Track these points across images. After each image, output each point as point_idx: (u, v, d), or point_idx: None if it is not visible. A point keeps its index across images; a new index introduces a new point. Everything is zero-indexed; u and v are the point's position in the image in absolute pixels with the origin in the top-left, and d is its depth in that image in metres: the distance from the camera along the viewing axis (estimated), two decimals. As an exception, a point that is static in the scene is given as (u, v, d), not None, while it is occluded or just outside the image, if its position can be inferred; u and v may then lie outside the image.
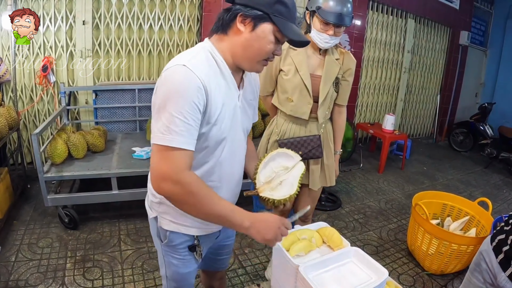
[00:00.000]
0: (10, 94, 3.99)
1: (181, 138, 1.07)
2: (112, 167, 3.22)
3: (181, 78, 1.08)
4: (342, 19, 1.98)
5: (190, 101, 1.07)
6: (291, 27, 1.16)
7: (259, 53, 1.19)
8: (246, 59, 1.21)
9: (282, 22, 1.14)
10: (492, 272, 1.39)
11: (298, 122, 2.23)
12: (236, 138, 1.33)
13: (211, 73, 1.15)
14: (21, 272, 2.59)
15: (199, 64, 1.13)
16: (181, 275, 1.51)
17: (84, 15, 4.10)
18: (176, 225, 1.36)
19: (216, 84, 1.17)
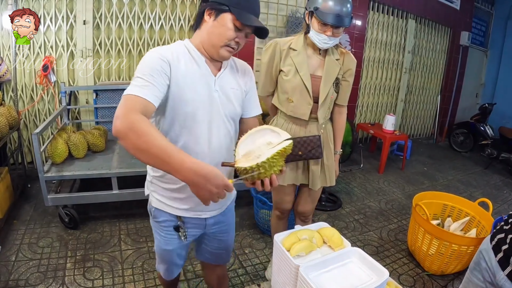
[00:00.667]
0: (11, 93, 3.99)
1: (137, 88, 1.23)
2: (112, 167, 3.22)
3: (148, 55, 1.34)
4: (341, 20, 1.97)
5: (151, 67, 1.28)
6: (247, 16, 1.34)
7: (220, 39, 1.36)
8: (210, 45, 1.40)
9: (239, 11, 1.32)
10: (491, 271, 1.38)
11: (298, 122, 2.22)
12: (213, 121, 1.45)
13: (179, 56, 1.38)
14: (21, 271, 2.59)
15: (165, 49, 1.38)
16: (163, 251, 1.70)
17: (85, 15, 4.10)
18: (160, 203, 1.56)
19: (185, 65, 1.38)
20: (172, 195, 1.53)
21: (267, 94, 2.33)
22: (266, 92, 2.32)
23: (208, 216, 1.62)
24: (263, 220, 3.31)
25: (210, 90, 1.43)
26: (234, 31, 1.35)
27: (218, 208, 1.64)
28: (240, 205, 3.82)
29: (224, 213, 1.71)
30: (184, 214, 1.56)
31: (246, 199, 3.87)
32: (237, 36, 1.37)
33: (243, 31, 1.38)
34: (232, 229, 1.84)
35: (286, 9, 5.18)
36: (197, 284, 2.63)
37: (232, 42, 1.38)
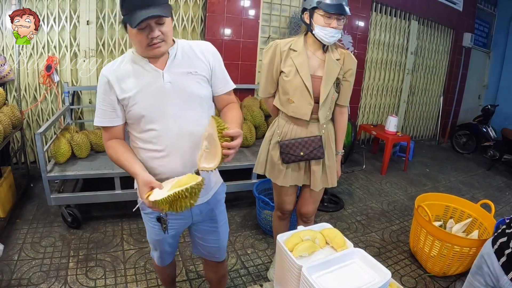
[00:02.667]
0: (14, 93, 4.01)
1: (98, 119, 1.52)
2: (115, 167, 3.22)
3: (99, 79, 1.51)
4: (342, 8, 2.00)
5: (100, 93, 1.50)
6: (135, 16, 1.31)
7: (139, 45, 1.42)
8: (139, 51, 1.47)
9: (128, 17, 1.33)
10: (494, 275, 1.38)
11: (299, 123, 2.23)
12: (169, 113, 1.49)
13: (122, 67, 1.48)
14: (23, 271, 2.60)
15: (109, 65, 1.51)
16: (154, 240, 1.82)
17: (88, 15, 4.11)
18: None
19: (129, 74, 1.47)
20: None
21: (268, 95, 2.33)
22: (267, 93, 2.32)
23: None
24: (265, 221, 3.31)
25: (160, 85, 1.48)
26: (140, 34, 1.38)
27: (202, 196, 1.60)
28: (243, 206, 3.83)
29: (211, 202, 1.74)
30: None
31: (249, 200, 3.87)
32: (147, 34, 1.37)
33: (148, 28, 1.36)
34: (222, 222, 1.85)
35: (289, 10, 5.18)
36: (199, 284, 2.64)
37: (149, 41, 1.39)
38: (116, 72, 1.47)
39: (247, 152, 3.91)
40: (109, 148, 1.54)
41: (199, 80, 1.55)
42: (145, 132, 1.51)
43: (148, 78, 1.47)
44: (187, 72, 1.52)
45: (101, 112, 1.51)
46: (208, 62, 1.60)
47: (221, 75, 1.66)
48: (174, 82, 1.49)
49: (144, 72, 1.47)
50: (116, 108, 1.50)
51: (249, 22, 4.89)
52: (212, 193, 1.75)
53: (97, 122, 1.52)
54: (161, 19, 1.36)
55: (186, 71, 1.52)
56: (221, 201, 1.84)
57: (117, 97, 1.47)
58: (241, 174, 3.58)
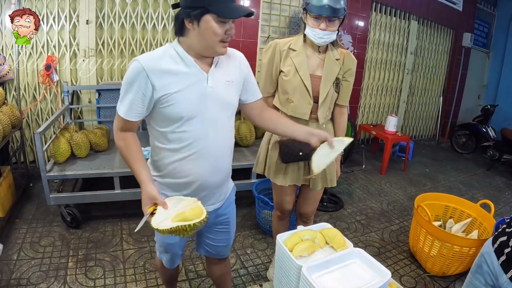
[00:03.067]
0: (13, 92, 4.00)
1: (123, 109, 1.43)
2: (114, 167, 3.22)
3: (130, 69, 1.39)
4: (332, 10, 1.96)
5: (130, 82, 1.38)
6: (227, 7, 1.32)
7: (213, 39, 1.37)
8: (204, 49, 1.41)
9: (217, 7, 1.31)
10: (493, 274, 1.38)
11: (299, 122, 2.21)
12: (207, 117, 1.48)
13: (165, 62, 1.40)
14: (23, 270, 2.60)
15: (149, 56, 1.41)
16: (165, 244, 1.78)
17: (88, 15, 4.10)
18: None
19: (172, 70, 1.40)
20: (175, 191, 1.57)
21: (267, 95, 2.33)
22: (266, 93, 2.31)
23: (210, 209, 1.64)
24: (264, 221, 3.31)
25: (202, 88, 1.45)
26: (221, 28, 1.35)
27: (220, 200, 1.70)
28: (242, 206, 3.82)
29: (225, 205, 1.76)
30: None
31: (248, 199, 3.87)
32: (226, 29, 1.37)
33: (229, 23, 1.37)
34: (233, 222, 1.87)
35: (289, 9, 5.18)
36: (199, 284, 2.63)
37: (224, 37, 1.38)
38: (156, 65, 1.39)
39: (246, 151, 3.91)
40: (121, 140, 1.48)
41: (234, 89, 1.58)
42: (178, 133, 1.46)
43: (192, 78, 1.43)
44: (226, 80, 1.53)
45: (129, 103, 1.41)
46: (241, 71, 1.62)
47: (254, 83, 1.71)
48: (215, 87, 1.48)
49: (188, 72, 1.43)
50: (145, 103, 1.41)
51: (248, 22, 4.88)
52: (229, 193, 1.78)
53: (123, 114, 1.44)
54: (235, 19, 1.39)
55: (225, 78, 1.53)
56: (233, 202, 1.86)
57: (154, 92, 1.39)
58: (241, 173, 3.58)
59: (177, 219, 1.32)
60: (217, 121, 1.51)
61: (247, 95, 1.69)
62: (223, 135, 1.56)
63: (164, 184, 1.59)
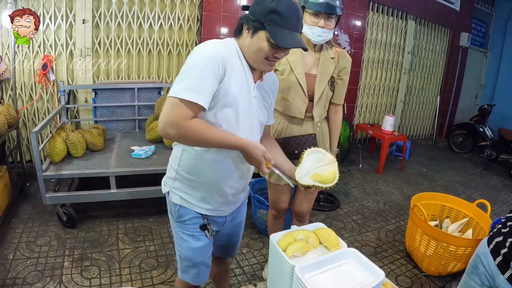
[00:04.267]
0: (10, 92, 3.99)
1: (193, 93, 1.24)
2: (110, 166, 3.22)
3: (208, 49, 1.31)
4: (331, 7, 1.98)
5: (210, 68, 1.28)
6: (283, 35, 1.30)
7: (258, 55, 1.36)
8: (250, 59, 1.41)
9: (274, 30, 1.29)
10: (490, 275, 1.38)
11: (294, 121, 2.23)
12: (251, 124, 1.49)
13: (232, 57, 1.38)
14: (19, 270, 2.59)
15: (223, 45, 1.37)
16: (193, 251, 1.61)
17: (84, 14, 4.10)
18: (184, 201, 1.54)
19: (236, 67, 1.39)
20: (199, 195, 1.54)
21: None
22: None
23: (228, 213, 1.67)
24: (260, 220, 3.31)
25: (250, 96, 1.46)
26: (270, 49, 1.34)
27: (237, 204, 1.71)
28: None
29: (240, 208, 1.77)
30: (209, 213, 1.58)
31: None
32: (275, 52, 1.36)
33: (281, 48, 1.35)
34: (243, 223, 1.89)
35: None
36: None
37: (271, 57, 1.38)
38: (230, 60, 1.36)
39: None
40: (197, 125, 1.27)
41: (268, 106, 1.61)
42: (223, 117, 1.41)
43: (246, 83, 1.43)
44: (265, 96, 1.56)
45: (201, 86, 1.26)
46: (273, 92, 1.65)
47: (273, 107, 1.71)
48: (258, 99, 1.51)
49: (244, 73, 1.43)
50: (213, 92, 1.31)
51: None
52: (243, 199, 1.78)
53: (191, 96, 1.24)
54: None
55: (265, 94, 1.56)
56: (245, 203, 1.85)
57: (221, 86, 1.34)
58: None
59: (315, 178, 1.56)
60: (252, 132, 1.51)
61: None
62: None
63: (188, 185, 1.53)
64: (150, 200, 3.48)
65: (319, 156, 1.64)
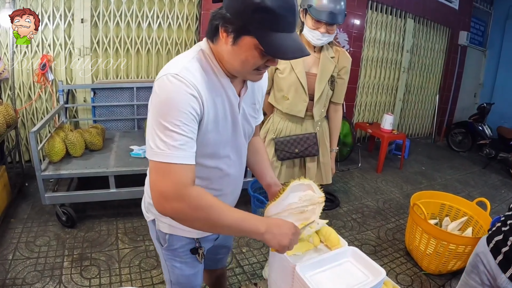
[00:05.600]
0: (8, 92, 3.98)
1: (181, 152, 1.00)
2: (110, 166, 3.21)
3: (174, 89, 1.01)
4: (334, 17, 1.98)
5: (185, 112, 1.01)
6: (279, 41, 0.99)
7: (245, 65, 1.07)
8: (234, 70, 1.12)
9: (265, 34, 0.98)
10: (490, 274, 1.37)
11: (294, 120, 2.23)
12: (238, 145, 1.30)
13: (206, 81, 1.09)
14: (18, 270, 2.58)
15: (192, 71, 1.07)
16: (186, 277, 1.49)
17: (83, 13, 4.08)
18: (174, 228, 1.33)
19: (212, 92, 1.11)
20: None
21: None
22: None
23: None
24: (260, 219, 3.30)
25: (235, 113, 1.22)
26: (262, 58, 1.05)
27: None
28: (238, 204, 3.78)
29: None
30: (200, 235, 1.40)
31: (244, 198, 3.84)
32: (267, 60, 1.07)
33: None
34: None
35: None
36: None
37: (262, 66, 1.09)
38: (204, 85, 1.08)
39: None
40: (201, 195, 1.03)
41: (255, 113, 1.37)
42: (205, 168, 1.22)
43: (227, 102, 1.18)
44: (252, 103, 1.32)
45: (185, 142, 1.02)
46: (262, 92, 1.43)
47: (261, 105, 1.49)
48: (243, 113, 1.26)
49: (223, 94, 1.16)
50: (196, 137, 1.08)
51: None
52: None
53: (181, 159, 1.01)
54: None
55: (251, 102, 1.32)
56: None
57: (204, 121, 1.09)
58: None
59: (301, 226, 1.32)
60: (241, 152, 1.34)
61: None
62: (244, 160, 1.41)
63: None
64: (149, 200, 3.47)
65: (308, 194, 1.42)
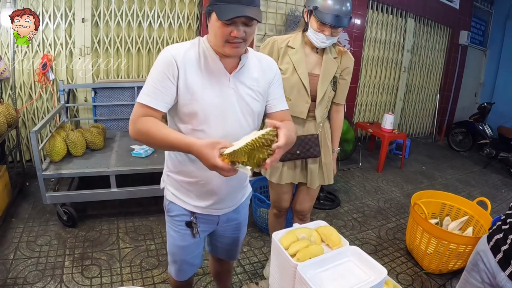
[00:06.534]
0: (9, 91, 3.98)
1: (147, 97, 1.34)
2: (110, 165, 3.21)
3: (160, 57, 1.37)
4: (339, 20, 1.95)
5: (160, 70, 1.34)
6: (228, 9, 1.25)
7: (217, 38, 1.33)
8: (214, 44, 1.38)
9: (219, 7, 1.26)
10: (490, 272, 1.38)
11: (296, 121, 2.21)
12: (228, 118, 1.43)
13: (191, 55, 1.39)
14: (19, 270, 2.59)
15: (178, 46, 1.40)
16: (178, 248, 1.68)
17: (84, 13, 4.08)
18: (174, 197, 1.58)
19: (197, 64, 1.39)
20: (187, 190, 1.55)
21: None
22: None
23: (221, 213, 1.63)
24: (261, 219, 3.31)
25: (223, 87, 1.41)
26: (224, 28, 1.28)
27: (231, 206, 1.66)
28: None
29: (238, 210, 1.72)
30: (197, 210, 1.57)
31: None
32: (231, 31, 1.29)
33: (234, 24, 1.29)
34: (244, 227, 1.84)
35: (285, 7, 5.17)
36: (196, 281, 2.63)
37: (230, 38, 1.31)
38: (186, 58, 1.37)
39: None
40: (146, 122, 1.32)
41: (257, 94, 1.50)
42: (194, 131, 1.41)
43: (215, 76, 1.40)
44: (250, 84, 1.47)
45: (153, 91, 1.34)
46: (269, 78, 1.55)
47: (279, 93, 1.61)
48: (237, 90, 1.43)
49: (212, 68, 1.40)
50: (170, 93, 1.35)
51: (245, 20, 4.86)
52: (242, 200, 1.74)
53: (143, 100, 1.34)
54: (250, 21, 1.30)
55: (249, 82, 1.47)
56: (246, 207, 1.82)
57: (179, 84, 1.36)
58: (238, 172, 3.56)
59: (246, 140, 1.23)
60: (234, 124, 1.45)
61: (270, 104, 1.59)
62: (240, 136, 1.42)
63: (175, 180, 1.56)
64: (150, 199, 3.48)
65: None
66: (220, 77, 1.41)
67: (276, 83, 1.59)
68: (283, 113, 1.62)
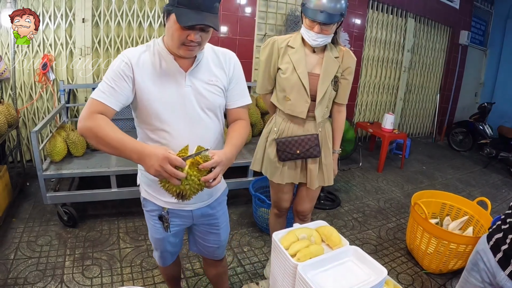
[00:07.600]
0: (10, 91, 3.98)
1: (100, 93, 1.36)
2: (111, 165, 3.22)
3: (115, 60, 1.41)
4: (327, 17, 1.93)
5: (114, 70, 1.37)
6: (188, 15, 1.26)
7: (173, 39, 1.35)
8: (170, 46, 1.41)
9: (179, 11, 1.27)
10: (490, 271, 1.38)
11: (296, 121, 2.22)
12: (188, 116, 1.47)
13: (146, 58, 1.43)
14: (20, 270, 2.59)
15: (133, 50, 1.44)
16: (154, 239, 1.78)
17: (84, 13, 4.08)
18: (147, 193, 1.65)
19: (151, 64, 1.42)
20: (157, 187, 1.48)
21: (265, 92, 2.33)
22: (264, 90, 2.31)
23: (193, 208, 1.66)
24: (261, 219, 3.31)
25: (180, 86, 1.45)
26: (182, 31, 1.31)
27: (204, 200, 1.66)
28: (239, 204, 3.83)
29: (213, 206, 1.73)
30: (168, 205, 1.61)
31: (245, 198, 3.87)
32: (188, 35, 1.32)
33: (192, 29, 1.31)
34: (223, 223, 1.84)
35: (285, 7, 5.17)
36: (196, 282, 2.64)
37: (186, 41, 1.34)
38: (140, 59, 1.41)
39: (243, 149, 3.90)
40: (97, 120, 1.32)
41: (217, 89, 1.53)
42: (156, 131, 1.47)
43: (170, 76, 1.44)
44: (208, 79, 1.50)
45: (107, 88, 1.36)
46: (229, 71, 1.58)
47: (239, 87, 1.63)
48: (194, 87, 1.47)
49: (167, 69, 1.43)
50: (125, 94, 1.39)
51: (245, 20, 4.88)
52: (215, 197, 1.74)
53: (97, 96, 1.35)
54: (207, 27, 1.34)
55: (207, 78, 1.50)
56: (223, 203, 1.83)
57: (134, 84, 1.40)
58: (238, 172, 3.58)
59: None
60: (195, 121, 1.49)
61: (228, 98, 1.62)
62: (206, 135, 1.54)
63: (147, 177, 1.61)
64: (150, 199, 3.48)
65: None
66: (176, 76, 1.44)
67: (235, 78, 1.62)
68: (240, 110, 1.67)
